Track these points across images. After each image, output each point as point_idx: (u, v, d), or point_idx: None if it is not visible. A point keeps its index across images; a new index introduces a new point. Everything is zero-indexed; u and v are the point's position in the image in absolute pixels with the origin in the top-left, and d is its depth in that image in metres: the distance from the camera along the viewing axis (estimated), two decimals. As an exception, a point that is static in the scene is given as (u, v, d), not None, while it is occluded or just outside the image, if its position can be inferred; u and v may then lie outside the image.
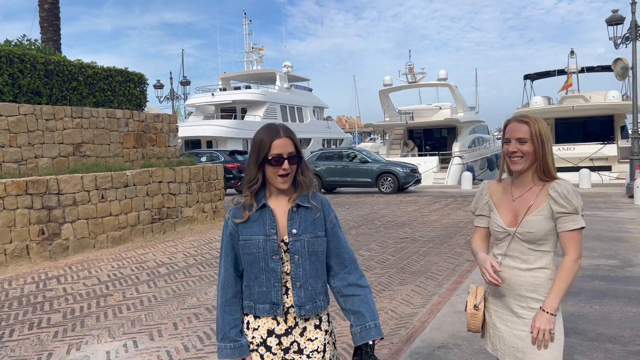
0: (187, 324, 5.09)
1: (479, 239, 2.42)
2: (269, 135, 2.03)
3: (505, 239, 2.27)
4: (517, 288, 2.21)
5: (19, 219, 7.93)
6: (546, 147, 2.17)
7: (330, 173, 18.48)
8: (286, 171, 2.01)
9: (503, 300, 2.26)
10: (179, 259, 8.12)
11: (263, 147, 2.01)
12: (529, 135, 2.16)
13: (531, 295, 2.19)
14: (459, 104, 31.29)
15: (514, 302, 2.22)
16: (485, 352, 4.01)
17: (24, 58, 9.61)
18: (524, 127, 2.18)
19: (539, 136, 2.16)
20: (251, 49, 42.28)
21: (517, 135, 2.18)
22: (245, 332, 2.09)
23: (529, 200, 2.21)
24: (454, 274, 6.69)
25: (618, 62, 16.85)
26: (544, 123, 2.22)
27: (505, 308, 2.26)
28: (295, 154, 2.03)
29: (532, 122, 2.17)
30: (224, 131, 30.47)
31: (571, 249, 2.14)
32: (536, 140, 2.16)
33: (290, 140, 2.03)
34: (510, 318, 2.24)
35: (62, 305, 5.85)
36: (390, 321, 4.97)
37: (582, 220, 2.14)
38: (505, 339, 2.25)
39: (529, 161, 2.18)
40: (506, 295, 2.24)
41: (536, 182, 2.22)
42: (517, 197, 2.26)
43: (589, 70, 30.27)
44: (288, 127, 2.11)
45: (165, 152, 12.48)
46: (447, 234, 9.72)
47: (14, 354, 4.44)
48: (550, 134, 2.23)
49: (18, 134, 9.04)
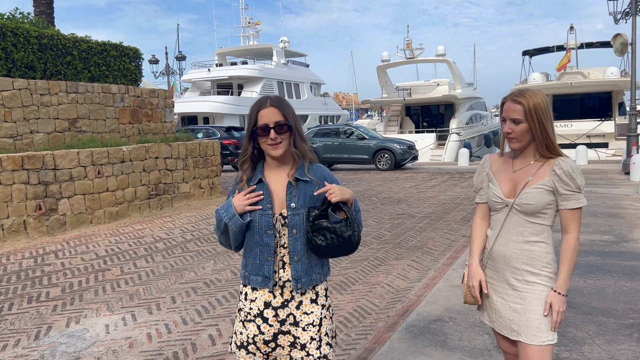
0: (185, 297, 5.13)
1: (479, 218, 2.41)
2: (255, 106, 2.05)
3: (502, 210, 2.25)
4: (513, 261, 2.20)
5: (16, 194, 7.91)
6: (545, 124, 2.11)
7: (327, 150, 18.45)
8: (274, 141, 1.99)
9: (499, 273, 2.26)
10: (177, 235, 8.14)
11: (251, 119, 2.03)
12: (523, 116, 2.10)
13: (527, 268, 2.17)
14: (456, 80, 31.10)
15: (509, 274, 2.21)
16: (479, 325, 4.07)
17: (17, 32, 9.47)
18: (518, 107, 2.12)
19: (535, 114, 2.09)
20: (247, 23, 41.77)
21: (511, 116, 2.14)
22: (243, 302, 2.11)
23: (529, 173, 2.18)
24: (450, 249, 6.74)
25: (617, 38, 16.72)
26: (542, 98, 2.13)
27: (501, 281, 2.25)
28: (284, 122, 2.01)
29: (526, 101, 2.10)
30: (220, 107, 30.30)
31: (573, 226, 2.14)
32: (531, 120, 2.10)
33: (276, 109, 2.01)
34: (506, 291, 2.23)
35: (60, 279, 5.88)
36: (386, 295, 5.02)
37: (584, 199, 2.14)
38: (500, 312, 2.25)
39: (526, 140, 2.15)
40: (502, 267, 2.24)
41: (537, 158, 2.18)
42: (518, 169, 2.22)
43: (588, 46, 30.06)
44: (279, 97, 2.09)
45: (162, 127, 12.41)
46: (443, 210, 9.76)
47: (14, 327, 4.48)
48: (550, 109, 2.14)
49: (13, 109, 8.96)
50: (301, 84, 39.07)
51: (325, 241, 1.98)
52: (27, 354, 3.93)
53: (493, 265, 2.29)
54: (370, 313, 4.56)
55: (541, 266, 2.17)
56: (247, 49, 39.71)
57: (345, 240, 1.99)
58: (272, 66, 36.99)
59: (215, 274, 5.81)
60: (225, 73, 34.51)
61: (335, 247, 1.99)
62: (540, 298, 2.15)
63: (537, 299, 2.15)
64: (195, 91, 35.16)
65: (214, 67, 35.93)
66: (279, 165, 2.07)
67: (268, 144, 2.00)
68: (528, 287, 2.17)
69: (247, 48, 39.78)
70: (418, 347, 3.78)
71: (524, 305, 2.17)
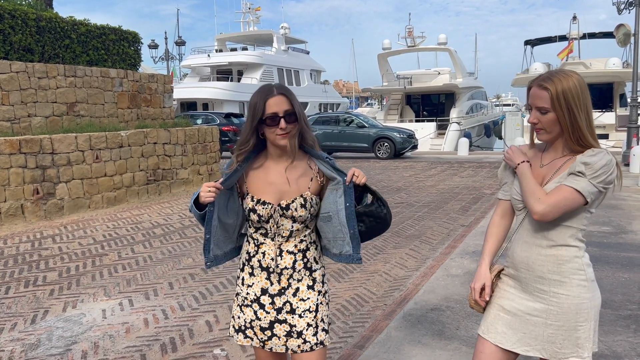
0: (182, 283, 5.12)
1: (499, 216, 2.09)
2: (262, 95, 1.96)
3: (523, 210, 1.95)
4: (537, 269, 1.89)
5: (13, 177, 7.87)
6: (577, 113, 1.79)
7: (326, 138, 18.38)
8: (284, 130, 1.94)
9: (522, 283, 1.95)
10: (175, 220, 8.13)
11: (258, 109, 1.94)
12: (550, 104, 1.81)
13: (554, 277, 1.86)
14: (458, 70, 30.96)
15: (533, 284, 1.91)
16: (477, 315, 4.06)
17: (15, 14, 9.37)
18: (544, 93, 1.81)
19: (564, 102, 1.79)
20: (248, 9, 41.39)
21: (537, 104, 1.84)
22: (240, 287, 2.10)
23: (557, 166, 1.89)
24: (449, 239, 6.73)
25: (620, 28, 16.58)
26: (574, 82, 1.80)
27: (524, 292, 1.94)
28: (293, 111, 1.95)
29: (554, 86, 1.80)
30: (220, 93, 30.16)
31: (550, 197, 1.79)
32: (559, 108, 1.80)
33: (284, 98, 1.95)
34: (526, 303, 1.93)
35: (57, 264, 5.87)
36: (384, 283, 5.01)
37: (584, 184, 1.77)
38: (513, 324, 1.94)
39: (556, 131, 1.85)
40: (526, 277, 1.93)
41: (567, 153, 1.89)
42: (547, 163, 1.93)
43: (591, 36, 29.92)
44: (284, 86, 2.04)
45: (160, 113, 12.34)
46: (442, 199, 9.75)
47: (10, 310, 4.47)
48: (585, 95, 1.82)
49: (10, 92, 8.89)
50: (301, 71, 38.86)
51: (365, 226, 2.04)
52: (24, 337, 3.93)
53: (516, 275, 1.97)
54: (368, 301, 4.55)
55: (571, 273, 1.86)
56: (247, 35, 39.42)
57: (383, 220, 2.04)
58: (273, 53, 36.76)
59: (213, 260, 5.77)
60: (225, 59, 34.30)
61: (375, 229, 2.07)
62: (570, 312, 1.86)
63: (565, 314, 1.86)
64: (195, 77, 34.95)
65: (213, 52, 35.71)
66: (281, 155, 2.03)
67: (277, 133, 1.94)
68: (555, 300, 1.87)
69: (247, 34, 39.49)
70: (415, 335, 3.78)
71: (546, 320, 1.89)
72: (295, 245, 2.05)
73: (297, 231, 2.04)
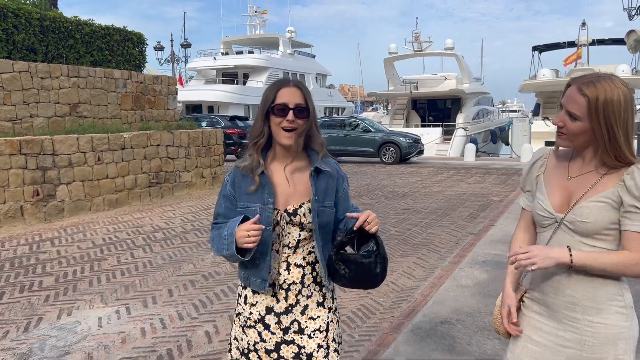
0: (182, 291, 4.95)
1: (522, 230, 1.89)
2: (276, 84, 1.82)
3: (550, 227, 1.71)
4: (568, 293, 1.67)
5: (13, 179, 7.73)
6: (615, 129, 1.56)
7: (331, 142, 18.17)
8: (291, 124, 1.76)
9: (550, 309, 1.73)
10: (176, 224, 7.96)
11: (268, 97, 1.79)
12: (586, 113, 1.58)
13: (588, 303, 1.64)
14: (464, 75, 30.79)
15: (563, 310, 1.69)
16: (489, 329, 3.87)
17: (19, 13, 9.26)
18: (581, 99, 1.59)
19: (603, 114, 1.56)
20: (254, 12, 41.43)
21: (569, 108, 1.62)
22: (242, 307, 1.92)
23: (589, 181, 1.65)
24: (457, 247, 6.53)
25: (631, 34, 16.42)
26: (620, 94, 1.57)
27: (547, 317, 1.74)
28: (305, 107, 1.78)
29: (594, 94, 1.56)
30: (225, 96, 30.09)
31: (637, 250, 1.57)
32: (596, 120, 1.57)
33: (299, 91, 1.79)
34: (556, 332, 1.71)
35: (55, 268, 5.71)
36: (391, 294, 4.82)
37: None
38: (544, 356, 1.73)
39: (579, 141, 1.64)
40: (553, 302, 1.71)
41: (599, 166, 1.65)
42: (575, 175, 1.69)
43: (600, 42, 29.68)
44: (300, 81, 1.88)
45: (164, 115, 12.20)
46: (449, 205, 9.55)
47: (3, 317, 4.31)
48: (630, 110, 1.58)
49: (12, 91, 8.77)
50: (307, 75, 38.75)
51: (349, 273, 1.80)
52: (15, 347, 3.76)
53: (542, 300, 1.75)
54: (375, 312, 4.36)
55: (607, 298, 1.63)
56: (253, 38, 39.41)
57: (372, 277, 1.81)
58: (278, 56, 36.71)
59: (214, 267, 5.61)
60: (231, 62, 34.25)
61: (359, 280, 1.82)
62: (608, 343, 1.63)
63: (602, 345, 1.63)
64: (201, 79, 34.93)
65: (219, 55, 35.69)
66: (286, 155, 1.85)
67: (283, 126, 1.77)
68: (590, 330, 1.64)
69: (253, 37, 39.49)
70: (425, 350, 3.59)
71: (581, 352, 1.66)
72: (303, 258, 1.87)
73: (304, 240, 1.86)
